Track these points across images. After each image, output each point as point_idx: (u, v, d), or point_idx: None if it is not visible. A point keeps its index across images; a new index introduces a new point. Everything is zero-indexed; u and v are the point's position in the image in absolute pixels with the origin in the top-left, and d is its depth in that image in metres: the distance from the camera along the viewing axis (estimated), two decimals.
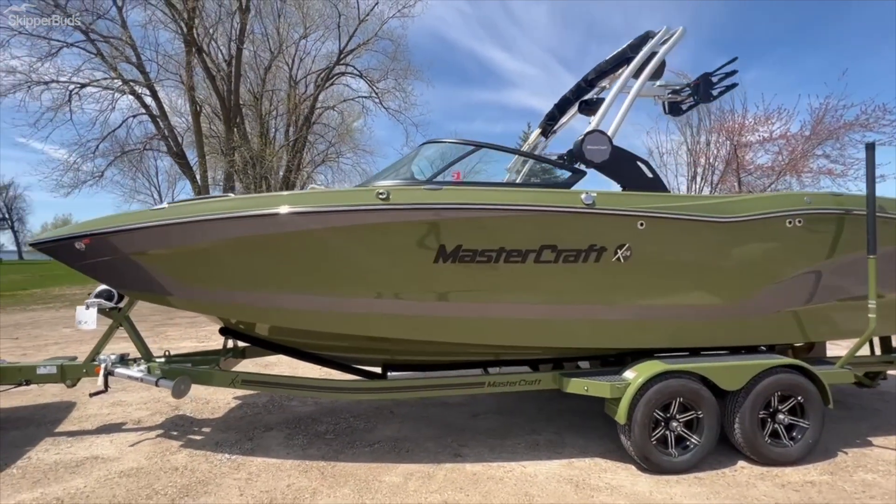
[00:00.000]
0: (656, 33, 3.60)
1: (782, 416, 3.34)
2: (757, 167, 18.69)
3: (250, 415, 4.37)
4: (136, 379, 3.61)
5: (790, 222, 3.33)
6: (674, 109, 3.94)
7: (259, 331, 3.80)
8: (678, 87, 3.90)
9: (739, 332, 3.50)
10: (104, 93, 19.07)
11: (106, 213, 3.36)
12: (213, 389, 4.90)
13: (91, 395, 3.68)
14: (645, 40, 3.64)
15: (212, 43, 19.41)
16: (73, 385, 3.85)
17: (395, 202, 2.94)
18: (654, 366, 3.23)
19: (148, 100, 19.20)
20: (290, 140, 22.03)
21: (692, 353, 3.54)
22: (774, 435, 3.36)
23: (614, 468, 3.29)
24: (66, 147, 19.62)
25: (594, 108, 4.17)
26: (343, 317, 3.19)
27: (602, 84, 4.43)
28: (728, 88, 3.73)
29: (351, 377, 3.82)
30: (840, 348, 5.35)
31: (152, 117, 19.45)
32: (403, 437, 3.84)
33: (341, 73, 23.24)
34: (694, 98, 3.81)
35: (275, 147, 21.01)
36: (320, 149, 24.84)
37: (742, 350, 3.71)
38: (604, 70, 4.18)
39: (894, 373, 5.41)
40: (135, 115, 20.04)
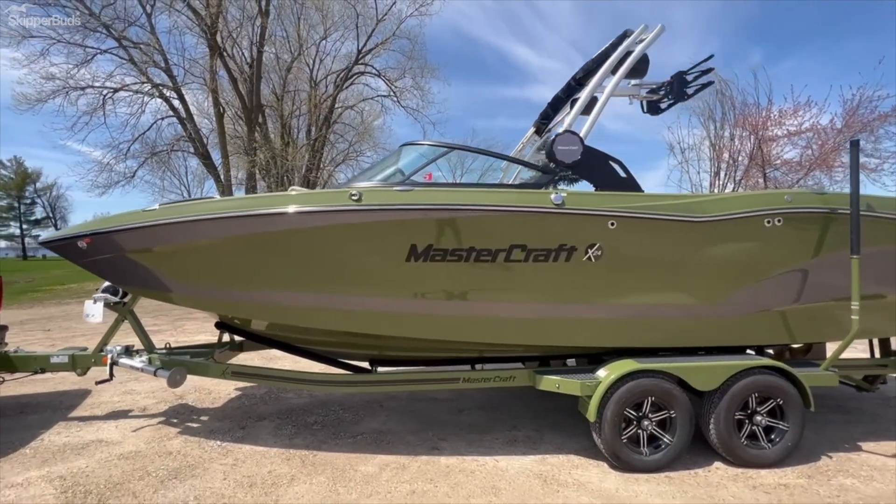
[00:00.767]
0: (633, 31, 3.59)
1: (760, 418, 3.30)
2: (784, 162, 18.01)
3: (247, 405, 4.59)
4: (137, 369, 3.85)
5: (769, 222, 3.27)
6: (652, 108, 3.91)
7: (250, 326, 3.99)
8: (654, 86, 3.86)
9: (719, 333, 3.47)
10: (135, 97, 19.96)
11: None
12: (216, 381, 5.14)
13: (97, 383, 3.96)
14: (623, 39, 3.63)
15: (235, 46, 20.04)
16: (83, 374, 4.13)
17: (366, 203, 3.06)
18: (626, 364, 3.24)
19: (175, 103, 20.00)
20: (311, 140, 22.50)
21: (683, 353, 3.50)
22: (753, 437, 3.32)
23: (586, 465, 3.32)
24: (100, 149, 20.63)
25: (588, 107, 4.19)
26: (322, 312, 3.34)
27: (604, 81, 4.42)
28: (703, 87, 3.68)
29: (337, 371, 3.97)
30: (854, 350, 5.20)
31: (180, 119, 20.24)
32: (387, 430, 3.97)
33: (360, 73, 23.58)
34: (668, 97, 3.77)
35: (296, 147, 21.52)
36: (341, 148, 25.27)
37: (731, 351, 3.66)
38: (591, 69, 4.17)
39: None
40: (163, 118, 20.89)
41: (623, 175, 3.36)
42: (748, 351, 3.81)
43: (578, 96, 4.08)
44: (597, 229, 3.16)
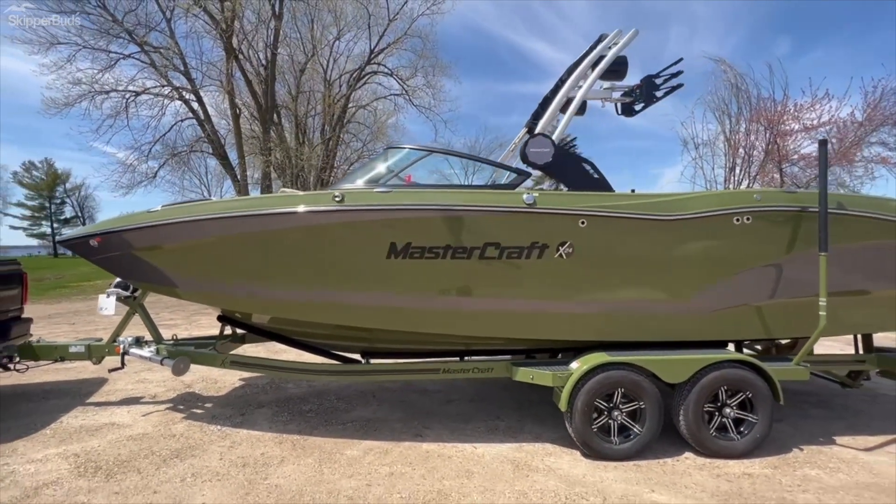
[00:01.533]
0: (608, 35, 3.70)
1: (729, 411, 3.41)
2: (801, 157, 17.60)
3: (248, 394, 4.87)
4: (146, 358, 4.15)
5: (738, 220, 3.36)
6: (626, 110, 4.01)
7: (251, 319, 4.25)
8: (625, 90, 3.96)
9: (692, 327, 3.57)
10: (156, 99, 20.66)
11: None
12: (222, 372, 5.44)
13: (110, 370, 4.28)
14: (598, 43, 3.74)
15: (250, 49, 20.54)
16: (98, 362, 4.47)
17: (348, 204, 3.27)
18: (597, 357, 3.39)
19: (194, 105, 20.62)
20: (324, 139, 22.91)
21: (668, 347, 3.57)
22: (723, 428, 3.43)
23: (559, 453, 3.48)
24: (124, 150, 21.41)
25: (581, 108, 4.32)
26: (311, 306, 3.56)
27: (578, 83, 4.55)
28: (673, 89, 3.76)
29: (327, 361, 4.20)
30: (848, 346, 5.21)
31: (199, 121, 20.85)
32: (376, 418, 4.20)
33: (373, 73, 23.86)
34: (639, 100, 3.87)
35: (311, 146, 21.95)
36: (355, 147, 25.63)
37: (713, 345, 3.73)
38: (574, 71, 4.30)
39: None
40: (182, 120, 21.56)
41: (595, 176, 3.49)
42: (730, 346, 3.90)
43: (572, 96, 4.19)
44: (568, 228, 3.30)
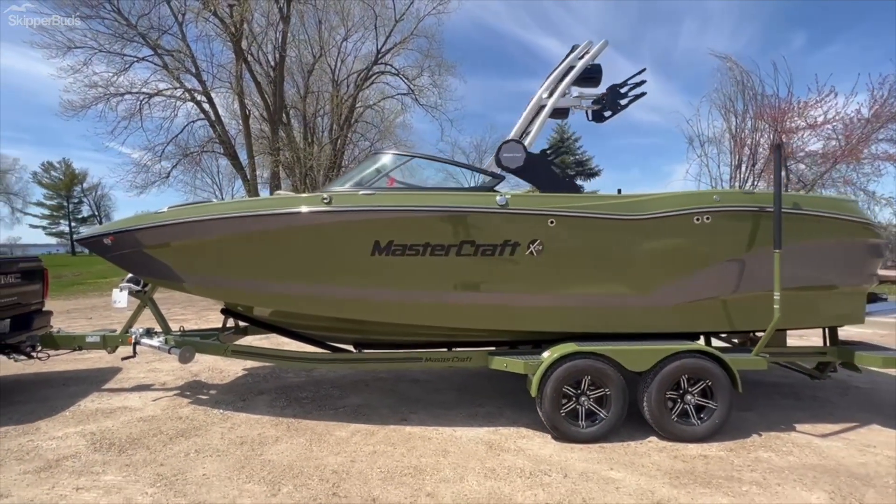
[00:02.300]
0: (579, 46, 3.94)
1: (690, 398, 3.65)
2: (808, 154, 17.53)
3: (251, 382, 5.22)
4: (155, 347, 4.51)
5: (698, 219, 3.59)
6: (596, 116, 4.22)
7: (252, 312, 4.58)
8: (593, 98, 4.17)
9: (657, 320, 3.80)
10: (168, 101, 21.23)
11: None
12: (228, 362, 5.84)
13: (122, 359, 4.65)
14: (570, 54, 3.98)
15: (259, 51, 21.00)
16: (112, 351, 4.84)
17: (335, 205, 3.57)
18: (565, 347, 3.65)
19: (206, 106, 21.16)
20: (333, 139, 23.31)
21: (646, 338, 3.78)
22: (685, 414, 3.67)
23: (532, 436, 3.75)
24: (139, 151, 22.04)
25: (563, 113, 4.57)
26: (305, 299, 3.88)
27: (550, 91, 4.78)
28: (637, 97, 3.98)
29: (319, 350, 4.51)
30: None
31: (210, 122, 21.40)
32: (366, 405, 4.51)
33: (380, 73, 24.19)
34: (606, 108, 4.08)
35: (319, 146, 22.38)
36: (363, 147, 26.00)
37: (685, 337, 3.95)
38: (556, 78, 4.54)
39: (871, 367, 5.37)
40: (194, 121, 22.13)
41: (564, 179, 3.74)
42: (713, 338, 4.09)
43: (544, 104, 4.45)
44: (537, 227, 3.56)
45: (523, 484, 3.01)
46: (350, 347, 4.60)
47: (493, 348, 4.33)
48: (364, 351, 4.50)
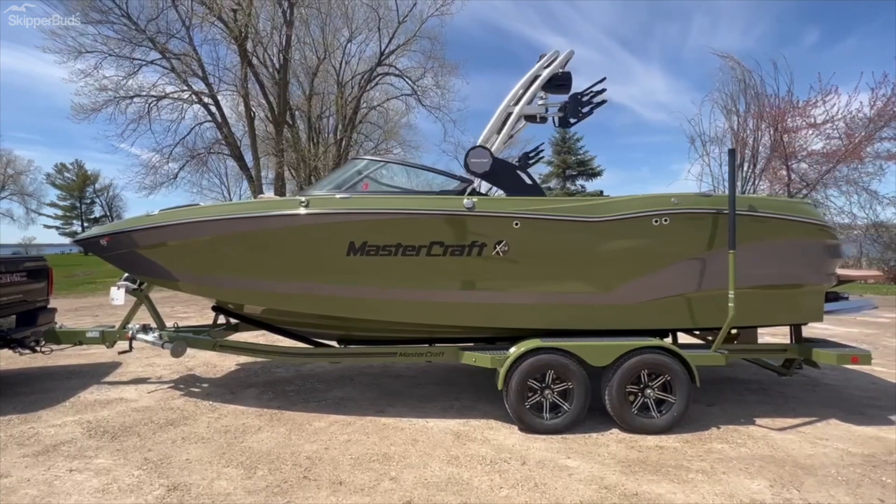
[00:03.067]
0: (545, 55, 4.11)
1: (650, 392, 3.81)
2: (809, 153, 17.45)
3: (242, 377, 5.47)
4: (150, 342, 4.77)
5: (657, 221, 3.76)
6: (563, 122, 4.39)
7: (243, 309, 4.82)
8: (556, 106, 4.33)
9: (620, 318, 3.96)
10: (176, 103, 21.68)
11: None
12: (223, 357, 6.11)
13: (119, 353, 4.93)
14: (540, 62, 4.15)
15: (265, 54, 21.36)
16: (111, 346, 5.11)
17: (312, 208, 3.79)
18: (530, 342, 3.83)
19: (212, 108, 21.58)
20: (337, 140, 23.62)
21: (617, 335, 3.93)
22: (645, 407, 3.84)
23: (499, 427, 3.95)
24: (148, 152, 22.54)
25: (543, 118, 4.74)
26: (288, 297, 4.10)
27: (539, 94, 4.96)
28: (597, 105, 4.13)
29: (302, 345, 4.74)
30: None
31: (216, 124, 21.81)
32: (348, 397, 4.73)
33: (385, 74, 24.44)
34: (569, 116, 4.24)
35: (322, 147, 22.70)
36: (368, 147, 26.26)
37: (653, 334, 4.11)
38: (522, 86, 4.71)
39: (850, 366, 5.49)
40: (201, 123, 22.57)
41: (529, 182, 3.93)
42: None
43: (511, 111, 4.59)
44: (503, 229, 3.75)
45: (482, 470, 3.21)
46: (334, 343, 4.82)
47: (471, 344, 4.53)
48: (346, 347, 4.72)
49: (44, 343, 5.11)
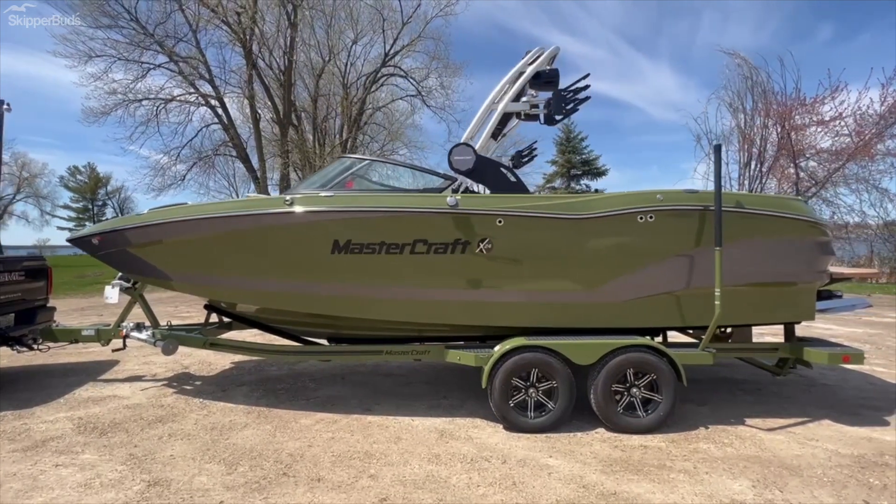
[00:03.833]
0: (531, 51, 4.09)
1: (636, 390, 3.77)
2: (818, 151, 17.16)
3: (234, 375, 5.52)
4: (143, 340, 4.83)
5: (642, 218, 3.71)
6: (548, 120, 4.35)
7: (235, 308, 4.86)
8: (539, 103, 4.30)
9: (608, 315, 3.92)
10: (183, 106, 21.95)
11: None
12: (218, 356, 6.16)
13: (113, 350, 5.00)
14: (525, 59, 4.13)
15: (271, 56, 21.55)
16: (106, 344, 5.19)
17: (296, 207, 3.81)
18: (515, 341, 3.81)
19: (219, 111, 21.81)
20: (342, 141, 23.73)
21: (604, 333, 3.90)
22: (632, 406, 3.79)
23: (484, 426, 3.93)
24: (157, 154, 22.84)
25: (534, 117, 4.72)
26: (277, 296, 4.13)
27: (530, 92, 4.93)
28: (581, 101, 4.09)
29: (290, 343, 4.76)
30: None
31: (223, 126, 22.05)
32: (337, 396, 4.74)
33: (389, 75, 24.51)
34: (555, 113, 4.19)
35: (328, 148, 22.81)
36: (374, 148, 26.33)
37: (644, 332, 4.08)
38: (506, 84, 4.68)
39: (849, 366, 5.39)
40: (208, 125, 22.83)
41: (513, 180, 3.91)
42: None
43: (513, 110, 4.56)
44: (486, 226, 3.74)
45: (462, 468, 3.20)
46: (324, 342, 4.84)
47: (459, 343, 4.52)
48: (334, 345, 4.73)
49: (41, 341, 5.19)
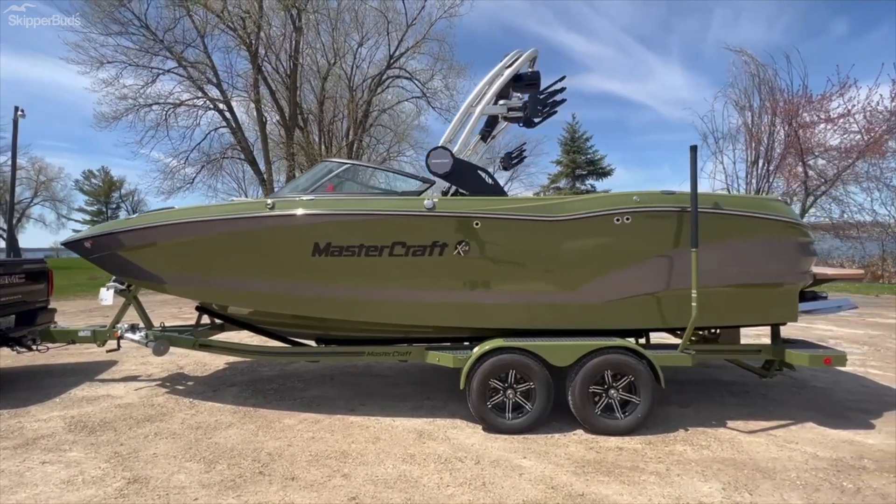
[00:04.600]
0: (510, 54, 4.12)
1: (615, 392, 3.77)
2: (827, 149, 16.88)
3: (227, 375, 5.62)
4: (136, 341, 4.94)
5: (618, 219, 3.71)
6: (527, 122, 4.37)
7: (227, 310, 4.95)
8: (516, 106, 4.30)
9: (588, 317, 3.92)
10: (192, 110, 22.31)
11: None
12: (213, 357, 6.27)
13: (107, 351, 5.12)
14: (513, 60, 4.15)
15: (277, 60, 21.80)
16: (102, 345, 5.31)
17: (277, 211, 3.88)
18: (492, 342, 3.83)
19: (227, 114, 22.13)
20: (348, 143, 23.90)
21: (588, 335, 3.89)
22: (610, 408, 3.79)
23: (463, 427, 3.96)
24: (167, 158, 23.25)
25: (519, 119, 4.74)
26: (262, 297, 4.21)
27: (515, 95, 4.95)
28: (557, 104, 4.10)
29: (276, 343, 4.84)
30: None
31: (231, 129, 22.37)
32: (324, 396, 4.81)
33: (395, 77, 24.63)
34: (532, 115, 4.20)
35: (335, 150, 23.00)
36: (380, 150, 26.47)
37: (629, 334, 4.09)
38: (505, 84, 4.71)
39: (844, 368, 5.32)
40: (216, 129, 23.18)
41: (490, 182, 3.93)
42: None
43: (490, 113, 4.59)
44: (463, 229, 3.77)
45: (435, 468, 3.23)
46: (313, 343, 4.90)
47: (444, 344, 4.55)
48: (322, 346, 4.80)
49: (40, 342, 5.34)
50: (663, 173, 58.28)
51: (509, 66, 4.14)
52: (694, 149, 3.57)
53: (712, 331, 4.91)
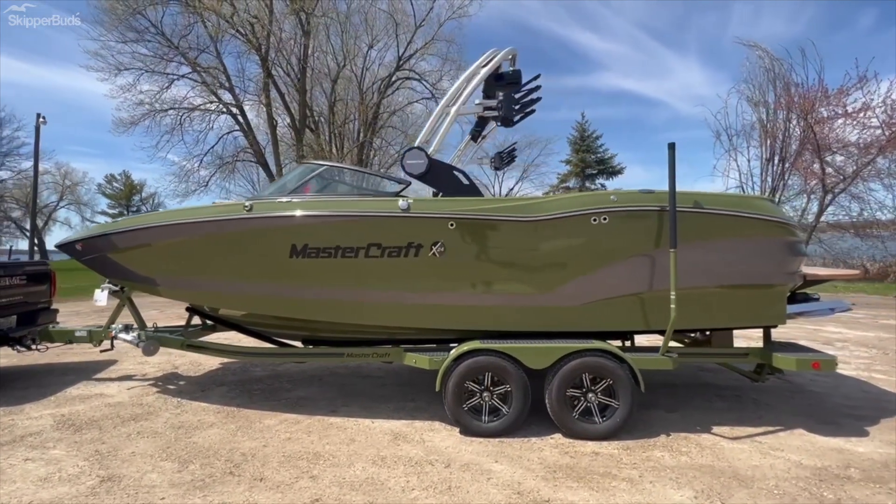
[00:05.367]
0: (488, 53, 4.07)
1: (593, 396, 3.69)
2: (845, 145, 16.32)
3: (218, 375, 5.69)
4: (128, 342, 5.04)
5: (595, 220, 3.64)
6: (505, 122, 4.31)
7: (218, 312, 5.01)
8: (492, 105, 4.24)
9: (566, 318, 3.85)
10: (205, 114, 22.77)
11: None
12: (207, 357, 6.28)
13: (101, 350, 5.24)
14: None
15: (287, 63, 22.10)
16: (97, 345, 5.43)
17: (254, 213, 3.91)
18: (468, 345, 3.79)
19: (239, 118, 22.54)
20: (358, 144, 24.08)
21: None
22: (587, 412, 3.72)
23: (440, 429, 3.93)
24: (184, 159, 23.79)
25: (508, 121, 4.70)
26: (246, 298, 4.25)
27: (499, 94, 4.89)
28: (532, 102, 4.02)
29: (261, 344, 4.88)
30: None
31: (244, 132, 22.77)
32: (308, 397, 4.83)
33: (404, 78, 24.73)
34: (509, 115, 4.14)
35: (346, 151, 23.21)
36: (391, 152, 26.60)
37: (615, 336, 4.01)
38: (483, 83, 4.67)
39: (847, 372, 5.13)
40: (229, 132, 23.63)
41: (466, 182, 3.89)
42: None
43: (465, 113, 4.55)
44: (438, 229, 3.74)
45: (403, 471, 3.21)
46: (299, 344, 4.93)
47: (430, 345, 4.52)
48: (308, 347, 4.83)
49: (39, 341, 5.49)
50: (682, 171, 57.04)
51: (485, 65, 4.11)
52: (672, 146, 3.47)
53: (705, 333, 4.78)
